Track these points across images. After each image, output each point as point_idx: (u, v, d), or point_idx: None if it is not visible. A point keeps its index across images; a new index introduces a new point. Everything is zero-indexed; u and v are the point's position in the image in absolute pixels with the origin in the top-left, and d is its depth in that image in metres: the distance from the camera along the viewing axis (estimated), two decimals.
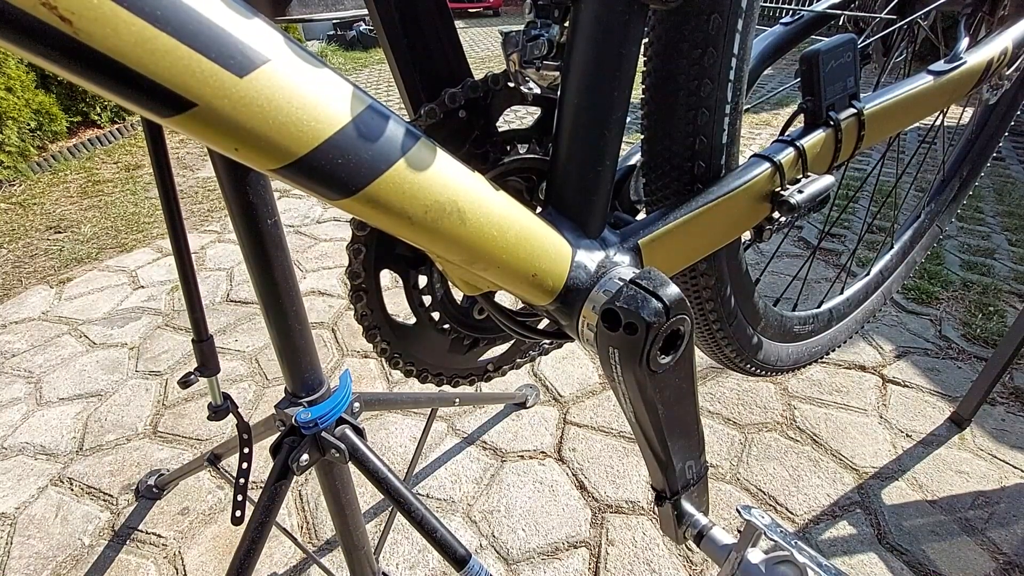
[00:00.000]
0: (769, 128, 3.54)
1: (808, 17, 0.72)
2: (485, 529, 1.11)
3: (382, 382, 1.52)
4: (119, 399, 1.48)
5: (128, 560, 1.07)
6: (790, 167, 0.47)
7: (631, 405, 0.33)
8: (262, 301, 0.65)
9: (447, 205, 0.29)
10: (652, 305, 0.28)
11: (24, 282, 2.05)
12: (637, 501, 1.15)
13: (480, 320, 0.48)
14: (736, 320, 0.61)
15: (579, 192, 0.38)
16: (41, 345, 1.70)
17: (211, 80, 0.21)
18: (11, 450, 1.33)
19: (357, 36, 7.50)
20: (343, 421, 0.73)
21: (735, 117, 0.45)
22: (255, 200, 0.58)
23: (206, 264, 2.14)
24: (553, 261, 0.35)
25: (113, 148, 3.50)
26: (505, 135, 0.41)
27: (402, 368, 0.45)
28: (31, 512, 1.17)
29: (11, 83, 2.84)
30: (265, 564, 1.05)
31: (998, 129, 1.05)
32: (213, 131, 0.22)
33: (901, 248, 1.08)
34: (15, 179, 2.88)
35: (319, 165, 0.25)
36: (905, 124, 0.60)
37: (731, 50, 0.41)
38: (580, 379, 1.50)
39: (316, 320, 1.77)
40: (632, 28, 0.34)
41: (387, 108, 0.28)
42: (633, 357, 0.29)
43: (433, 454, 1.29)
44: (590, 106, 0.36)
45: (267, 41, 0.23)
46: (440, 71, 0.38)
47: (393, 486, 0.73)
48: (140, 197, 2.75)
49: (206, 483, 1.23)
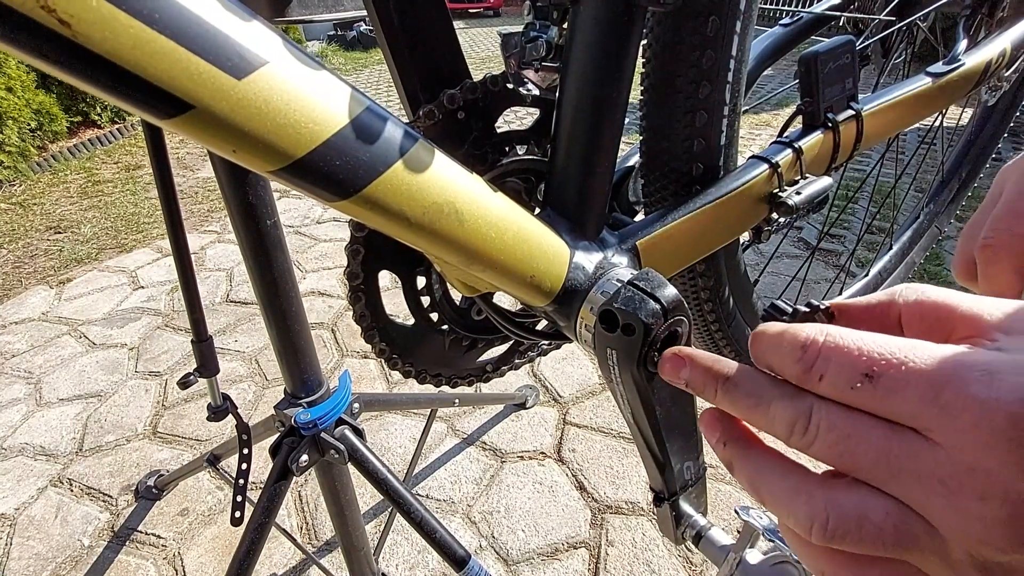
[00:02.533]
0: (768, 129, 3.54)
1: (807, 18, 0.72)
2: (485, 530, 1.11)
3: (381, 383, 1.52)
4: (119, 400, 1.48)
5: (128, 561, 1.07)
6: (788, 168, 0.47)
7: (629, 406, 0.33)
8: (262, 302, 0.65)
9: (445, 206, 0.29)
10: (650, 306, 0.28)
11: (24, 282, 2.05)
12: (637, 502, 1.15)
13: (478, 321, 0.48)
14: (735, 321, 0.61)
15: (577, 193, 0.38)
16: (41, 345, 1.70)
17: (209, 82, 0.21)
18: (11, 451, 1.33)
19: (357, 36, 7.51)
20: (343, 422, 0.73)
21: (733, 118, 0.45)
22: (255, 201, 0.58)
23: (206, 264, 2.14)
24: (551, 262, 0.35)
25: (113, 148, 3.50)
26: (503, 136, 0.41)
27: (401, 369, 0.45)
28: (31, 513, 1.17)
29: (11, 83, 2.84)
30: (265, 565, 1.05)
31: (997, 130, 1.05)
32: (211, 133, 0.22)
33: (900, 249, 1.08)
34: (15, 179, 2.88)
35: (317, 167, 0.25)
36: (904, 125, 0.60)
37: (729, 52, 0.41)
38: (579, 380, 1.50)
39: (316, 321, 1.77)
40: (630, 30, 0.34)
41: (385, 110, 0.28)
42: (631, 358, 0.29)
43: (433, 455, 1.29)
44: (588, 107, 0.36)
45: (265, 43, 0.23)
46: (439, 72, 0.38)
47: (393, 487, 0.73)
48: (140, 197, 2.75)
49: (206, 484, 1.23)
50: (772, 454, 0.21)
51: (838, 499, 0.17)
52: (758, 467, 0.21)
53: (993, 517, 0.15)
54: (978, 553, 0.15)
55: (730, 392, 0.21)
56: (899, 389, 0.16)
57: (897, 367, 0.17)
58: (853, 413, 0.17)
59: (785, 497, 0.19)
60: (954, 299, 0.19)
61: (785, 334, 0.19)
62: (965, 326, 0.18)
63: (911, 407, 0.16)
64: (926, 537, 0.16)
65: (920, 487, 0.16)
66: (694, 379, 0.22)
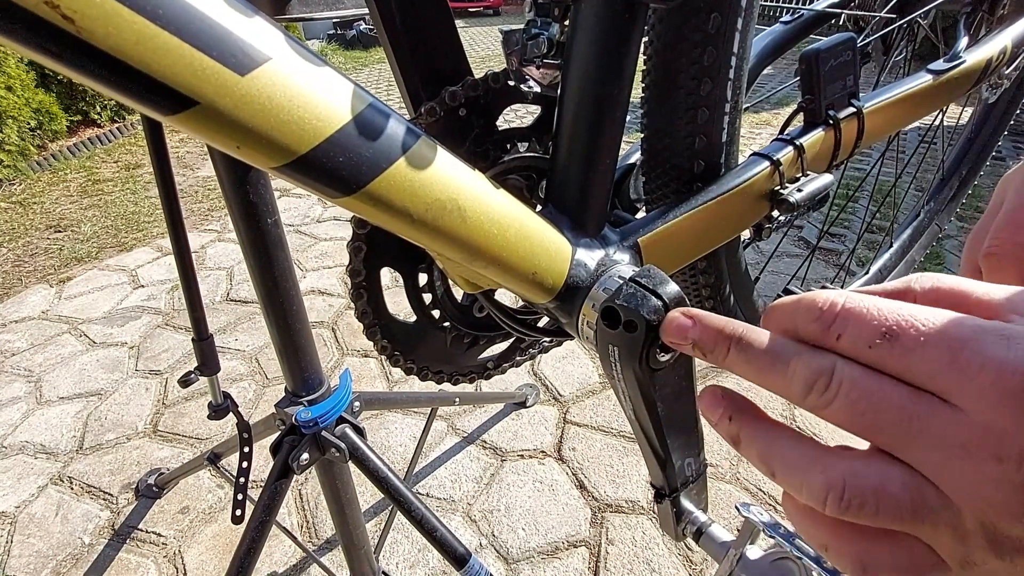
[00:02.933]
0: (769, 127, 3.54)
1: (808, 16, 0.72)
2: (485, 528, 1.11)
3: (382, 381, 1.52)
4: (119, 398, 1.48)
5: (128, 559, 1.07)
6: (789, 166, 0.47)
7: (630, 403, 0.33)
8: (262, 300, 0.65)
9: (447, 203, 0.29)
10: (652, 303, 0.28)
11: (24, 281, 2.05)
12: (637, 500, 1.15)
13: (480, 318, 0.48)
14: (735, 319, 0.61)
15: (579, 190, 0.38)
16: (41, 344, 1.70)
17: (212, 78, 0.21)
18: (11, 449, 1.33)
19: (357, 35, 7.50)
20: (343, 420, 0.73)
21: (735, 116, 0.45)
22: (255, 199, 0.58)
23: (206, 263, 2.14)
24: (553, 259, 0.35)
25: (113, 147, 3.50)
26: (505, 133, 0.41)
27: (402, 366, 0.45)
28: (31, 511, 1.17)
29: (11, 82, 2.84)
30: (265, 563, 1.05)
31: (997, 128, 1.05)
32: (214, 129, 0.23)
33: (900, 247, 1.08)
34: (15, 178, 2.88)
35: (320, 163, 0.25)
36: (904, 123, 0.60)
37: (731, 49, 0.41)
38: (580, 378, 1.50)
39: (316, 319, 1.77)
40: (632, 27, 0.34)
41: (388, 107, 0.28)
42: (633, 355, 0.29)
43: (433, 453, 1.29)
44: (590, 105, 0.36)
45: (268, 39, 0.23)
46: (440, 70, 0.38)
47: (393, 485, 0.73)
48: (140, 196, 2.75)
49: (206, 482, 1.23)
50: (781, 426, 0.20)
51: (855, 468, 0.17)
52: (768, 438, 0.20)
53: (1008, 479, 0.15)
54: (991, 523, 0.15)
55: (745, 350, 0.20)
56: (918, 349, 0.16)
57: (916, 327, 0.17)
58: (874, 373, 0.17)
59: (800, 466, 0.19)
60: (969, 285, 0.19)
61: (803, 299, 0.19)
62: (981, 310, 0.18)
63: (929, 367, 0.16)
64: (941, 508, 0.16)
65: (938, 450, 0.16)
66: (704, 339, 0.21)
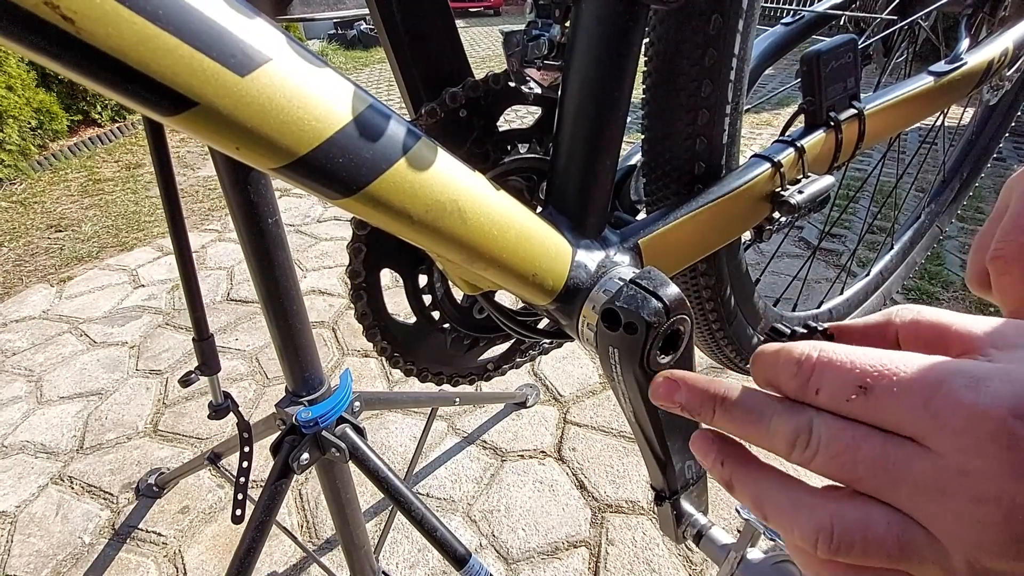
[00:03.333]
0: (770, 128, 3.54)
1: (809, 17, 0.72)
2: (485, 528, 1.11)
3: (382, 381, 1.52)
4: (119, 398, 1.48)
5: (128, 559, 1.07)
6: (790, 167, 0.47)
7: (631, 405, 0.33)
8: (263, 300, 0.65)
9: (448, 204, 0.29)
10: (652, 305, 0.28)
11: (25, 280, 2.05)
12: (637, 501, 1.15)
13: (480, 319, 0.48)
14: (736, 320, 0.61)
15: (579, 192, 0.38)
16: (42, 344, 1.70)
17: (212, 79, 0.21)
18: (11, 448, 1.33)
19: (358, 35, 7.50)
20: (343, 420, 0.73)
21: (735, 117, 0.45)
22: (256, 199, 0.58)
23: (207, 263, 2.15)
24: (553, 260, 0.35)
25: (114, 147, 3.50)
26: (506, 135, 0.41)
27: (402, 367, 0.45)
28: (31, 510, 1.18)
29: (12, 81, 2.84)
30: (265, 563, 1.05)
31: (999, 129, 1.05)
32: (214, 130, 0.22)
33: (901, 249, 1.08)
34: (16, 178, 2.88)
35: (320, 164, 0.25)
36: (905, 125, 0.60)
37: (732, 50, 0.41)
38: (580, 379, 1.50)
39: (317, 319, 1.77)
40: (633, 28, 0.34)
41: (388, 107, 0.28)
42: (633, 357, 0.29)
43: (433, 453, 1.29)
44: (591, 106, 0.36)
45: (268, 40, 0.23)
46: (441, 70, 0.38)
47: (393, 485, 0.73)
48: (141, 196, 2.75)
49: (206, 482, 1.23)
50: (771, 470, 0.21)
51: (841, 510, 0.18)
52: (759, 483, 0.20)
53: (988, 520, 0.15)
54: (977, 560, 0.16)
55: (729, 410, 0.21)
56: (892, 398, 0.17)
57: (889, 377, 0.17)
58: (852, 424, 0.18)
59: (789, 511, 0.19)
60: (948, 318, 0.20)
61: (781, 351, 0.20)
62: (960, 343, 0.19)
63: (904, 415, 0.17)
64: (927, 547, 0.16)
65: (919, 494, 0.16)
66: (690, 401, 0.22)
